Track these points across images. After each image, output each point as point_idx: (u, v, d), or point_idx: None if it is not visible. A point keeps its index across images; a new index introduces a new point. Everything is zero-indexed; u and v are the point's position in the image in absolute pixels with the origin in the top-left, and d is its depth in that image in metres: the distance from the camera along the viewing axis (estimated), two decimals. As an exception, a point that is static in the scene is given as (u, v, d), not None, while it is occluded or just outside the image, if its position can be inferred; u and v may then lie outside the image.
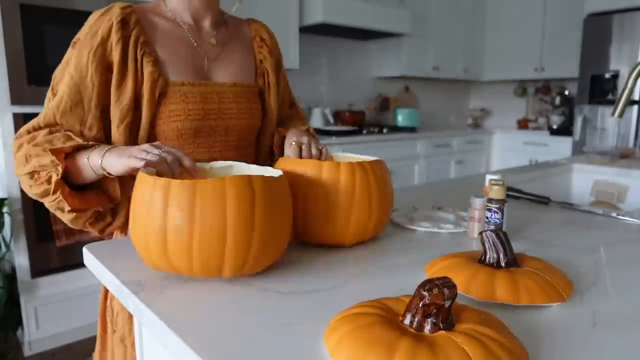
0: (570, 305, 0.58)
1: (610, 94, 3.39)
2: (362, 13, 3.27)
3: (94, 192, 0.87)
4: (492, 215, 0.82)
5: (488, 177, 0.93)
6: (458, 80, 4.83)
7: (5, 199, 1.96)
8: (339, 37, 3.78)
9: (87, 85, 0.85)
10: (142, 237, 0.62)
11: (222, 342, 0.48)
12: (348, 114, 3.66)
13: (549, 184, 1.55)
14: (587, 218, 1.02)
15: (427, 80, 4.60)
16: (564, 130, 3.90)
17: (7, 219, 2.02)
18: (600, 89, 3.44)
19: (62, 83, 0.86)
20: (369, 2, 3.31)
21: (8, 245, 2.03)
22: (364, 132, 3.45)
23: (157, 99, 0.88)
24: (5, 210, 1.99)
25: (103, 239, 0.90)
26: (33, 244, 2.03)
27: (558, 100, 4.16)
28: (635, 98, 3.18)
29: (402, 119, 3.85)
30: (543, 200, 1.15)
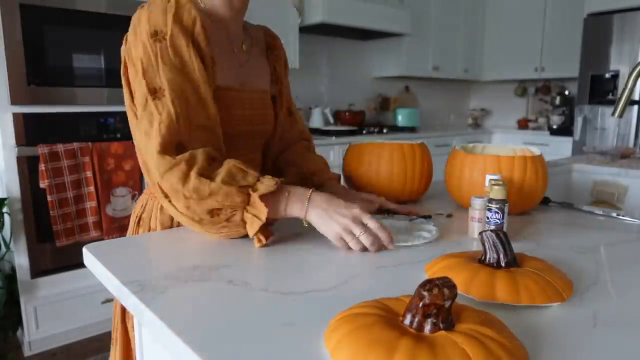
0: (570, 305, 0.58)
1: (611, 94, 3.39)
2: (362, 13, 3.27)
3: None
4: (492, 216, 0.82)
5: (488, 177, 0.93)
6: (458, 80, 4.83)
7: (5, 199, 1.96)
8: (339, 37, 3.78)
9: (198, 79, 0.81)
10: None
11: (222, 342, 0.48)
12: (348, 114, 3.66)
13: (549, 184, 1.55)
14: (587, 218, 1.02)
15: (427, 80, 4.60)
16: (564, 130, 3.90)
17: (7, 219, 2.02)
18: (601, 89, 3.44)
19: (171, 80, 0.79)
20: (369, 2, 3.31)
21: (8, 245, 2.03)
22: (364, 132, 3.45)
23: None
24: (5, 210, 1.99)
25: (103, 239, 0.90)
26: (33, 244, 2.03)
27: (558, 100, 4.16)
28: (636, 98, 3.17)
29: (402, 119, 3.86)
30: (543, 200, 1.15)
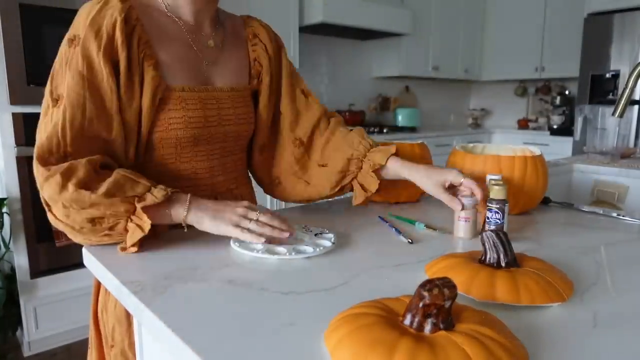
0: (570, 305, 0.57)
1: (611, 94, 3.39)
2: (362, 13, 3.27)
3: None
4: (492, 216, 0.82)
5: (489, 177, 0.93)
6: (458, 80, 4.83)
7: (5, 199, 1.96)
8: (339, 37, 3.78)
9: (105, 89, 0.78)
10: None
11: (222, 342, 0.48)
12: (348, 114, 3.66)
13: (549, 184, 1.55)
14: (587, 218, 1.02)
15: (427, 80, 4.60)
16: (564, 130, 3.90)
17: (6, 219, 2.02)
18: (601, 89, 3.44)
19: (71, 88, 0.77)
20: (369, 2, 3.31)
21: (7, 246, 2.03)
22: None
23: (156, 106, 0.83)
24: (5, 211, 1.99)
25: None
26: (32, 244, 2.03)
27: (558, 100, 4.16)
28: (636, 98, 3.17)
29: (402, 119, 3.86)
30: (543, 200, 1.15)
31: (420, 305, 0.43)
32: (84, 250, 0.78)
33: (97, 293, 0.90)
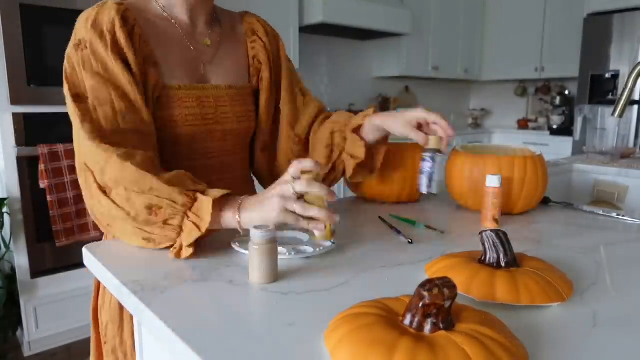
0: (570, 305, 0.58)
1: (611, 94, 3.39)
2: (362, 13, 3.28)
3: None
4: (424, 165, 0.88)
5: (488, 177, 0.93)
6: (458, 80, 4.83)
7: (5, 199, 1.96)
8: (339, 37, 3.78)
9: (125, 84, 0.78)
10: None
11: (222, 342, 0.48)
12: (348, 114, 3.66)
13: (549, 184, 1.55)
14: (587, 218, 1.02)
15: (427, 80, 4.60)
16: (564, 130, 3.90)
17: (6, 219, 2.02)
18: (601, 89, 3.44)
19: (94, 88, 0.77)
20: (369, 2, 3.31)
21: (8, 245, 2.03)
22: (364, 132, 3.44)
23: (154, 104, 0.84)
24: (5, 210, 1.99)
25: (102, 239, 0.90)
26: (33, 244, 2.03)
27: (558, 100, 4.16)
28: (636, 98, 3.18)
29: (402, 119, 3.85)
30: (543, 200, 1.15)
31: (420, 305, 0.43)
32: (84, 250, 0.78)
33: (97, 291, 0.91)
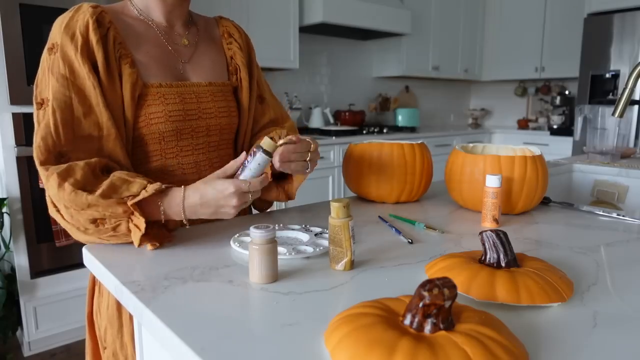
0: (570, 305, 0.58)
1: (611, 94, 3.39)
2: (362, 13, 3.27)
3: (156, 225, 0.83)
4: (248, 159, 0.81)
5: (488, 177, 0.93)
6: (458, 80, 4.83)
7: (5, 199, 1.96)
8: (339, 37, 3.78)
9: (88, 87, 0.81)
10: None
11: (222, 342, 0.48)
12: (348, 114, 3.66)
13: (549, 184, 1.55)
14: (587, 218, 1.02)
15: (427, 80, 4.60)
16: (564, 130, 3.90)
17: (6, 219, 2.02)
18: (601, 89, 3.44)
19: (56, 91, 0.80)
20: (369, 2, 3.31)
21: (8, 246, 2.03)
22: (364, 132, 3.45)
23: (136, 102, 0.86)
24: (5, 211, 1.99)
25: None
26: (33, 244, 2.03)
27: (558, 100, 4.16)
28: (636, 98, 3.18)
29: (402, 119, 3.85)
30: (543, 200, 1.15)
31: (420, 305, 0.43)
32: (84, 250, 0.78)
33: (91, 296, 0.91)
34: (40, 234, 2.04)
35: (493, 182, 0.91)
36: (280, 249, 0.74)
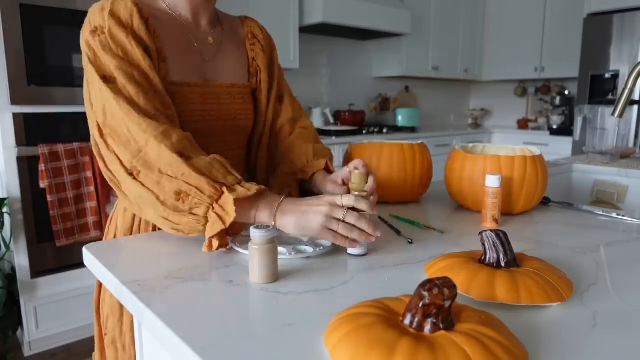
0: (570, 305, 0.58)
1: (611, 94, 3.39)
2: (362, 13, 3.27)
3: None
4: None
5: (488, 177, 0.93)
6: (458, 80, 4.83)
7: (5, 199, 1.96)
8: (339, 37, 3.78)
9: (145, 68, 0.80)
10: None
11: (222, 342, 0.48)
12: (348, 114, 3.66)
13: (549, 184, 1.55)
14: (587, 218, 1.02)
15: (427, 80, 4.60)
16: (564, 130, 3.90)
17: (7, 219, 2.02)
18: (601, 89, 3.44)
19: (118, 67, 0.77)
20: (369, 2, 3.31)
21: (8, 245, 2.03)
22: (364, 132, 3.45)
23: None
24: (5, 210, 1.99)
25: (102, 239, 0.90)
26: (33, 244, 2.03)
27: (558, 100, 4.16)
28: (636, 98, 3.18)
29: (402, 119, 3.86)
30: (543, 200, 1.15)
31: (420, 305, 0.43)
32: (85, 250, 0.78)
33: (99, 284, 0.93)
34: (41, 234, 2.04)
35: (493, 182, 0.91)
36: (280, 249, 0.74)
